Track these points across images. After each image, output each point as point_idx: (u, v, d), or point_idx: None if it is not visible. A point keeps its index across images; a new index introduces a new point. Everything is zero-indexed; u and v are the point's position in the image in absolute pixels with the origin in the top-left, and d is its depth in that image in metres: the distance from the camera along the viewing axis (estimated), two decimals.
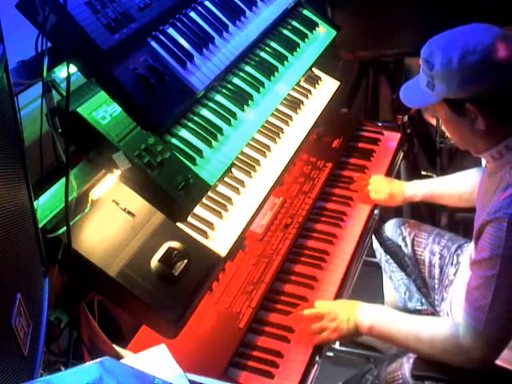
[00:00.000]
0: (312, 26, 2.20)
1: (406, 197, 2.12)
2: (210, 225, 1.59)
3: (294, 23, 2.17)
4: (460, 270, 1.91)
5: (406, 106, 1.69)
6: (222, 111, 1.73)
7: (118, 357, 1.39)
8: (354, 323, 1.65)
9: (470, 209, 1.82)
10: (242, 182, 1.72)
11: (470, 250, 1.76)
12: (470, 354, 1.52)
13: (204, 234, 1.56)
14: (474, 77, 1.47)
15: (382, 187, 2.11)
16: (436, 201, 2.12)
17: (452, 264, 1.99)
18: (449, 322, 1.60)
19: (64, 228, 1.32)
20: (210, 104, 1.73)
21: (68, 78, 1.27)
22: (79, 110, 1.40)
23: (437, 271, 2.03)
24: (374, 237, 2.15)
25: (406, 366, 1.71)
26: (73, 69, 1.45)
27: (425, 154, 2.99)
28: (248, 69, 1.91)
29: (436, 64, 1.52)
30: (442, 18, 2.32)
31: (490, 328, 1.49)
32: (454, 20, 1.65)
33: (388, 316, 1.66)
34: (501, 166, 1.55)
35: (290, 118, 1.98)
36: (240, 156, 1.75)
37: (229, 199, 1.67)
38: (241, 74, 1.88)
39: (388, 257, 2.14)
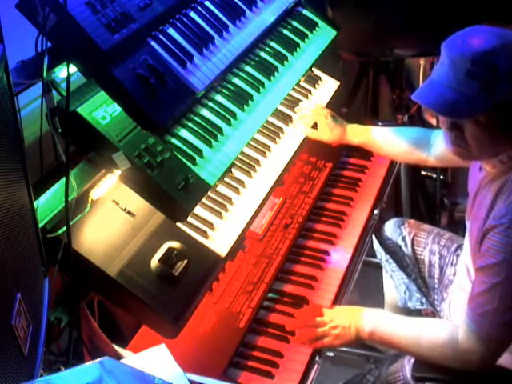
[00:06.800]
0: (312, 25, 2.20)
1: (370, 139, 2.07)
2: (210, 225, 1.59)
3: (294, 23, 2.16)
4: (457, 275, 1.90)
5: (406, 106, 1.67)
6: (222, 111, 1.73)
7: (118, 357, 1.39)
8: (356, 330, 1.64)
9: None
10: (241, 182, 1.72)
11: (465, 256, 1.76)
12: (469, 357, 1.52)
13: (204, 234, 1.56)
14: None
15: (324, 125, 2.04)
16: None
17: (452, 264, 1.98)
18: (448, 325, 1.60)
19: (64, 228, 1.32)
20: (210, 104, 1.73)
21: (68, 78, 1.28)
22: (79, 110, 1.40)
23: (437, 271, 2.02)
24: (374, 236, 2.15)
25: (406, 367, 1.71)
26: (73, 69, 1.45)
27: None
28: (248, 69, 1.91)
29: (501, 64, 1.39)
30: (442, 18, 2.31)
31: (493, 333, 1.49)
32: (454, 21, 1.65)
33: (388, 322, 1.66)
34: (505, 171, 1.52)
35: (290, 118, 1.98)
36: (240, 156, 1.75)
37: (229, 199, 1.67)
38: (241, 74, 1.88)
39: (388, 256, 2.14)
